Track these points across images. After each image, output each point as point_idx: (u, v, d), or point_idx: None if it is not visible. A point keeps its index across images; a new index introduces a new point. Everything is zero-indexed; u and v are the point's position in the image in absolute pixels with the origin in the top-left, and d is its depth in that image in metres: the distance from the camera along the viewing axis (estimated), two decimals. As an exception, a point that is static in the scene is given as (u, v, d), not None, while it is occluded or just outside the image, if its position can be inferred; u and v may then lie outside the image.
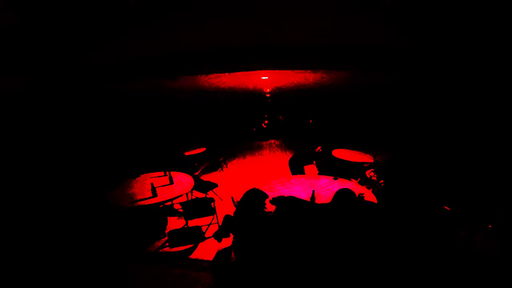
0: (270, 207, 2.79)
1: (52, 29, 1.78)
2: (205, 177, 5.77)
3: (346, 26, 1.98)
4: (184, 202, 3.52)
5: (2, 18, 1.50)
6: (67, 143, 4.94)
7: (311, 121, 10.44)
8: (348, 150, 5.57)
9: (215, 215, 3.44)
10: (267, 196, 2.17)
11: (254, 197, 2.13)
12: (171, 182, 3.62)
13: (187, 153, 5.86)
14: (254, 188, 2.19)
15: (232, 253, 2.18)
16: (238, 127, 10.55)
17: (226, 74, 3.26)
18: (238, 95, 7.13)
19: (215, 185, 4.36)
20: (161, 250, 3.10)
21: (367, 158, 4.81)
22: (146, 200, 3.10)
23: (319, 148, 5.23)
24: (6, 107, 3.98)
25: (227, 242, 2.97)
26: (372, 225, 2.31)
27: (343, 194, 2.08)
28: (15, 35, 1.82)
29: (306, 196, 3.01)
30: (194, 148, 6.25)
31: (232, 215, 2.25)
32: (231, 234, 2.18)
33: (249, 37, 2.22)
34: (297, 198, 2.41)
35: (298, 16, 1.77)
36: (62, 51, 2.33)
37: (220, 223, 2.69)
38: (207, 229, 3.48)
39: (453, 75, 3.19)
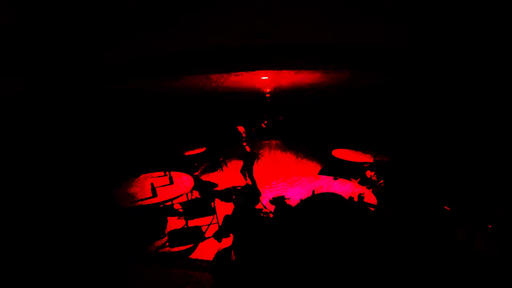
0: (270, 207, 2.79)
1: (52, 29, 1.78)
2: (205, 177, 5.78)
3: (346, 26, 1.98)
4: (184, 202, 3.52)
5: (2, 18, 1.50)
6: (67, 143, 4.94)
7: (311, 121, 10.43)
8: (348, 150, 5.58)
9: (215, 215, 3.44)
10: (259, 193, 2.18)
11: (248, 193, 2.14)
12: (171, 182, 3.62)
13: (187, 153, 5.86)
14: (247, 185, 2.21)
15: (232, 253, 2.18)
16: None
17: (226, 74, 3.26)
18: (238, 95, 7.13)
19: (215, 185, 4.36)
20: (161, 250, 3.11)
21: (367, 158, 4.81)
22: (146, 200, 3.10)
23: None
24: (6, 107, 3.98)
25: (227, 242, 2.97)
26: (371, 225, 2.30)
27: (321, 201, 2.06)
28: (15, 35, 1.82)
29: (305, 196, 3.01)
30: (194, 148, 6.26)
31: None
32: (231, 234, 2.19)
33: (249, 37, 2.22)
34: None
35: (298, 16, 1.77)
36: (62, 51, 2.33)
37: (220, 223, 2.69)
38: (207, 229, 3.48)
39: (453, 75, 3.19)
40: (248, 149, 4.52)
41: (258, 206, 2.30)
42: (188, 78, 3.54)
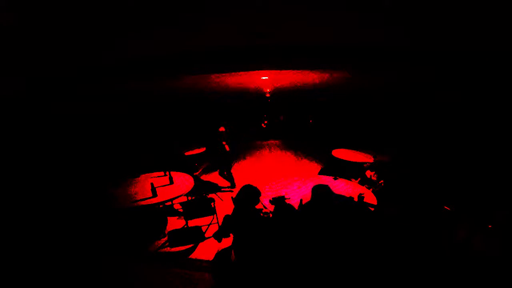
0: (270, 207, 2.79)
1: (52, 29, 1.78)
2: (205, 177, 5.78)
3: (346, 26, 1.98)
4: (184, 202, 3.51)
5: (2, 18, 1.50)
6: (68, 143, 4.94)
7: (311, 121, 10.43)
8: (348, 150, 5.58)
9: (215, 215, 3.44)
10: (259, 193, 2.17)
11: (248, 192, 2.13)
12: (171, 182, 3.62)
13: (187, 153, 5.86)
14: (247, 184, 2.20)
15: (232, 253, 2.18)
16: (238, 127, 10.57)
17: (226, 74, 3.26)
18: (238, 95, 7.13)
19: (215, 185, 4.36)
20: (161, 250, 3.10)
21: (367, 158, 4.81)
22: (146, 200, 3.10)
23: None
24: (6, 107, 3.98)
25: (227, 242, 2.97)
26: (371, 225, 2.31)
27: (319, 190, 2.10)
28: (15, 35, 1.82)
29: (305, 196, 3.01)
30: (194, 148, 6.26)
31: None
32: (231, 234, 2.19)
33: (249, 37, 2.22)
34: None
35: (298, 16, 1.76)
36: (62, 51, 2.33)
37: (220, 223, 2.69)
38: (207, 229, 3.48)
39: (453, 75, 3.19)
40: (227, 148, 4.78)
41: (258, 206, 2.30)
42: (188, 78, 3.54)
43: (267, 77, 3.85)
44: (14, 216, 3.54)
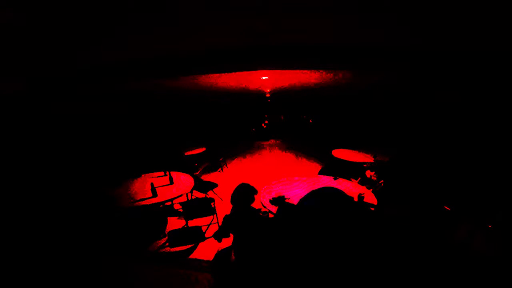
0: (269, 207, 2.79)
1: (52, 29, 1.78)
2: (205, 177, 5.78)
3: (346, 26, 1.98)
4: (184, 202, 3.51)
5: (2, 18, 1.50)
6: (68, 143, 4.95)
7: (311, 121, 10.44)
8: (348, 150, 5.58)
9: (215, 215, 3.44)
10: (255, 190, 2.16)
11: (243, 191, 2.13)
12: (171, 182, 3.62)
13: (187, 153, 5.87)
14: (242, 183, 2.18)
15: (232, 253, 2.18)
16: (238, 127, 10.57)
17: (226, 74, 3.26)
18: (238, 95, 7.13)
19: (215, 185, 4.36)
20: (161, 250, 3.11)
21: (367, 158, 4.81)
22: (146, 200, 3.10)
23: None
24: (6, 107, 3.98)
25: (227, 242, 2.97)
26: (371, 225, 2.30)
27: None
28: (15, 35, 1.82)
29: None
30: (194, 148, 6.26)
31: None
32: (231, 234, 2.18)
33: (249, 37, 2.22)
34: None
35: (298, 16, 1.77)
36: (62, 51, 2.33)
37: (220, 223, 2.70)
38: (207, 229, 3.48)
39: (453, 75, 3.19)
40: None
41: (258, 206, 2.30)
42: (187, 79, 3.54)
43: (267, 77, 3.85)
44: (14, 216, 3.54)
